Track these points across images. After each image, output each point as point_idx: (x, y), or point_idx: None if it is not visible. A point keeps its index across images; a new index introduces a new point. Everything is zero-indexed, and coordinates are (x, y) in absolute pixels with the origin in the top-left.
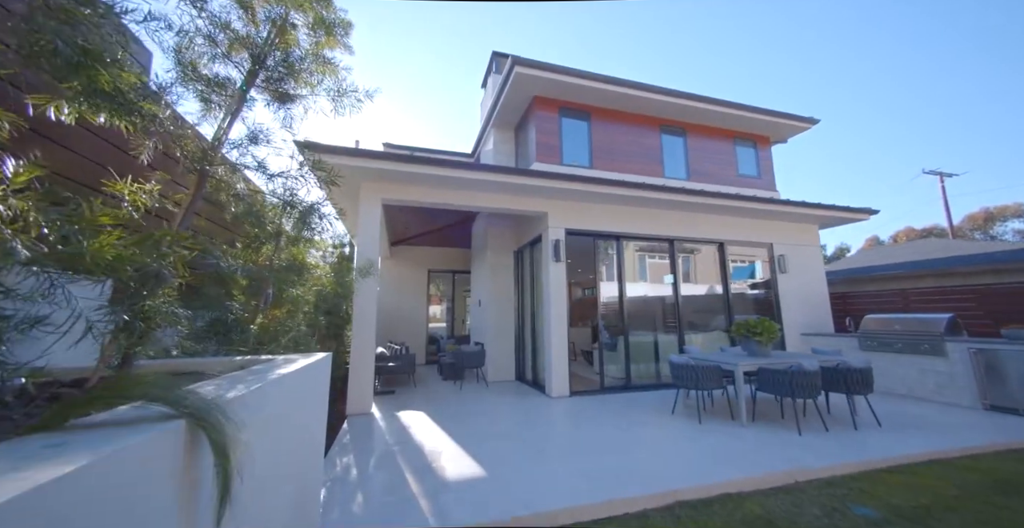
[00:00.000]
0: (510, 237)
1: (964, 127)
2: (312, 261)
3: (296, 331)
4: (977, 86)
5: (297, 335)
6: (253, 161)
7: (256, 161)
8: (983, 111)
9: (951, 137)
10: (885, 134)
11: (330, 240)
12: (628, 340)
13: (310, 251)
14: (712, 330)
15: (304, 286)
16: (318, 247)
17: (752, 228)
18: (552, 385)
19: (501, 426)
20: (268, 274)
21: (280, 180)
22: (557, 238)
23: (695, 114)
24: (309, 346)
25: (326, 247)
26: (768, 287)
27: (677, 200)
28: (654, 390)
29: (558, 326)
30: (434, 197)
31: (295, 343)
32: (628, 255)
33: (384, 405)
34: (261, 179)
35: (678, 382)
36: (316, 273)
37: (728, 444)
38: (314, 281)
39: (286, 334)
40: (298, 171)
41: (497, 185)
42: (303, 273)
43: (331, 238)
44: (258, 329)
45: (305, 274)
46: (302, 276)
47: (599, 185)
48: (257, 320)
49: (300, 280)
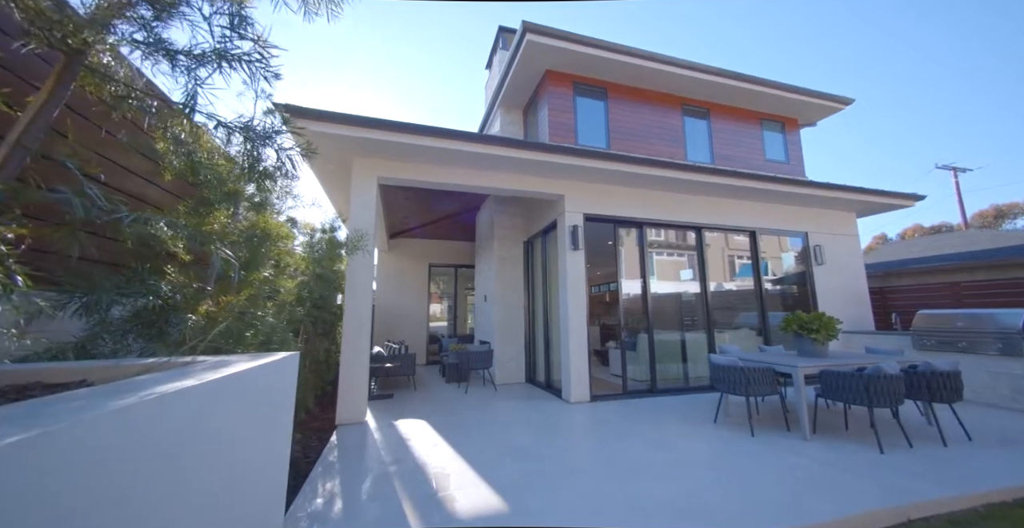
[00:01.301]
0: (519, 226)
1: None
2: (290, 243)
3: (263, 324)
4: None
5: (270, 331)
6: (163, 52)
7: (169, 50)
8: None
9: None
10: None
11: (319, 225)
12: (653, 339)
13: (293, 243)
14: (738, 328)
15: (278, 268)
16: (301, 229)
17: (786, 215)
18: (571, 389)
19: (518, 439)
20: (214, 242)
21: (239, 136)
22: (575, 224)
23: (720, 92)
24: (288, 346)
25: (312, 230)
26: (802, 280)
27: (707, 181)
28: (682, 394)
29: (577, 323)
30: (437, 176)
31: (267, 341)
32: (629, 249)
33: (380, 412)
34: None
35: (720, 386)
36: (288, 246)
37: (798, 465)
38: (293, 262)
39: (253, 328)
40: (266, 124)
41: (509, 161)
42: (266, 243)
43: (322, 224)
44: (204, 320)
45: (270, 246)
46: (265, 248)
47: (622, 163)
48: (202, 308)
49: (265, 253)
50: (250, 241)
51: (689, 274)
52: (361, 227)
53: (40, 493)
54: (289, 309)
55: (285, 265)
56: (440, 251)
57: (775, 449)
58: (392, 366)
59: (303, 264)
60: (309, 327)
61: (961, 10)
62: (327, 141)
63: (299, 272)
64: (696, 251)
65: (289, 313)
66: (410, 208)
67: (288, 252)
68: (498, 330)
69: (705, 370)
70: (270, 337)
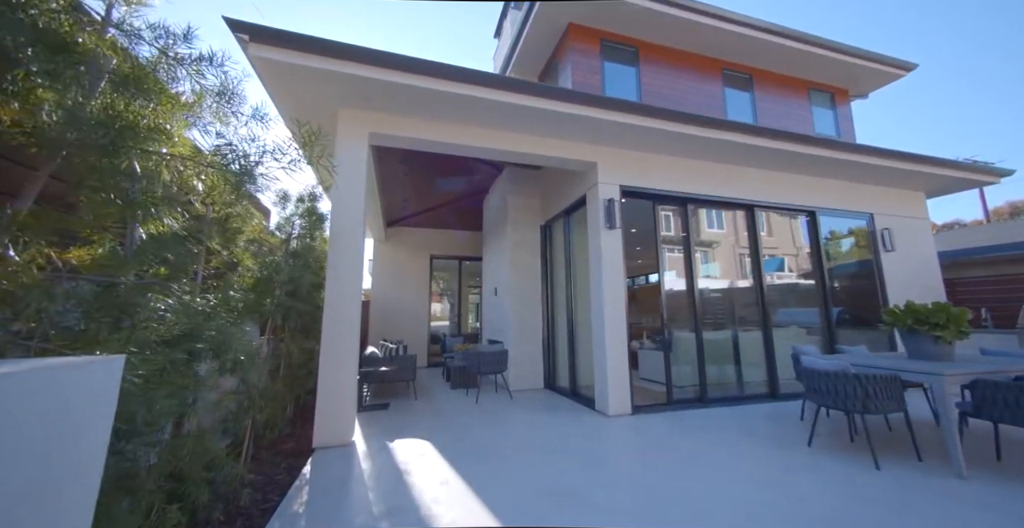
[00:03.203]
0: (536, 208)
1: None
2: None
3: (180, 308)
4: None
5: (200, 320)
6: None
7: None
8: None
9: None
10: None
11: (296, 194)
12: (702, 339)
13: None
14: (786, 326)
15: (226, 236)
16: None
17: (848, 193)
18: (608, 399)
19: (559, 472)
20: None
21: None
22: (610, 197)
23: (765, 54)
24: (235, 344)
25: (281, 195)
26: (867, 270)
27: (768, 147)
28: (735, 404)
29: (615, 318)
30: (444, 134)
31: (191, 335)
32: (671, 231)
33: (373, 427)
34: None
35: (818, 398)
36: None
37: (981, 523)
38: (250, 230)
39: (133, 311)
40: None
41: (535, 117)
42: (129, 148)
43: (298, 193)
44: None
45: (155, 139)
46: (129, 152)
47: (670, 121)
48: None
49: (127, 162)
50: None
51: (700, 271)
52: (348, 211)
53: None
54: (246, 295)
55: (235, 231)
56: (443, 241)
57: (925, 493)
58: (388, 370)
59: (276, 242)
60: (279, 321)
61: (960, 9)
62: (302, 84)
63: (267, 250)
64: (748, 233)
65: (250, 301)
66: (410, 188)
67: (242, 215)
68: (512, 327)
69: (759, 375)
70: (196, 331)
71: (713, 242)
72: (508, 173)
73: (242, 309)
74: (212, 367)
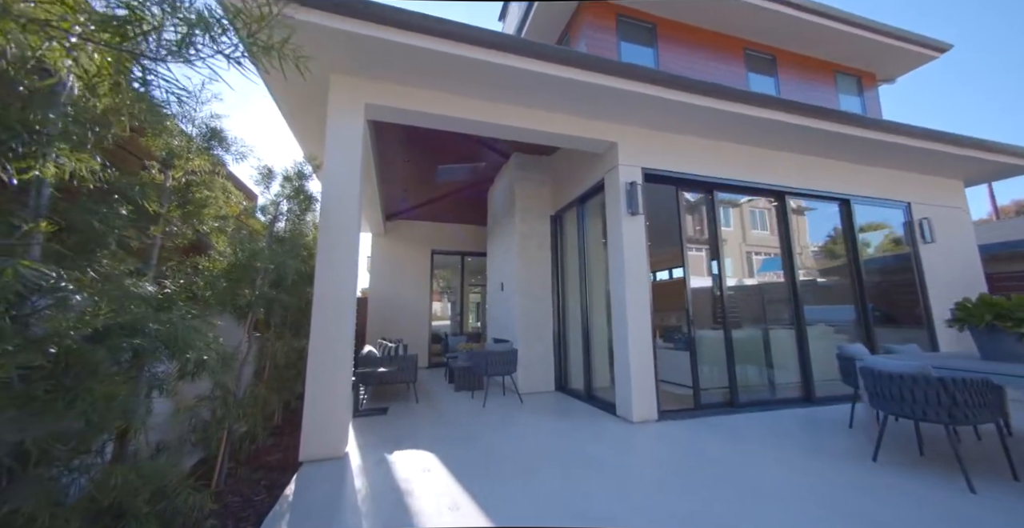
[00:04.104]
0: (546, 197)
1: None
2: None
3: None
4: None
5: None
6: None
7: None
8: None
9: None
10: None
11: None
12: (731, 338)
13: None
14: (812, 325)
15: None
16: None
17: (883, 180)
18: (632, 404)
19: (590, 495)
20: None
21: None
22: (632, 180)
23: (790, 32)
24: (200, 340)
25: (264, 172)
26: (904, 263)
27: (803, 125)
28: (768, 409)
29: (638, 315)
30: (451, 107)
31: (133, 329)
32: (695, 218)
33: (369, 436)
34: None
35: (884, 404)
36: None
37: None
38: (216, 201)
39: None
40: None
41: (551, 87)
42: None
43: (284, 170)
44: None
45: None
46: None
47: (698, 94)
48: None
49: None
50: None
51: (710, 268)
52: (341, 192)
53: None
54: (215, 282)
55: (199, 204)
56: (444, 236)
57: None
58: (387, 371)
59: (259, 227)
60: (262, 316)
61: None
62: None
63: (248, 234)
64: (779, 223)
65: (220, 289)
66: (410, 177)
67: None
68: (520, 325)
69: (791, 377)
70: (137, 323)
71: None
72: (516, 160)
73: (210, 299)
74: (173, 369)
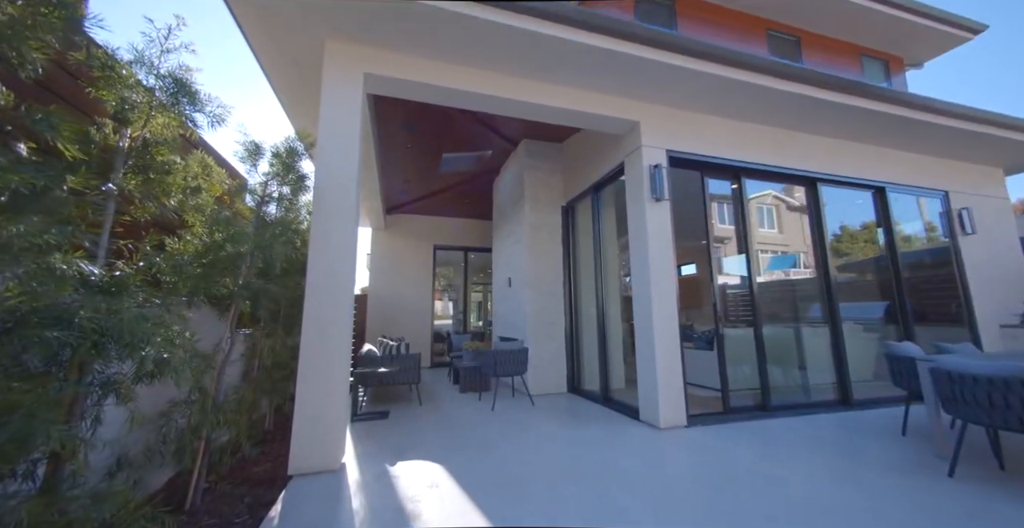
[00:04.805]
0: (557, 186)
1: None
2: None
3: None
4: None
5: None
6: None
7: None
8: None
9: None
10: None
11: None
12: (762, 336)
13: None
14: (822, 323)
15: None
16: None
17: (919, 167)
18: (659, 409)
19: (628, 513)
20: None
21: None
22: (656, 163)
23: (815, 12)
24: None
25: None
26: (942, 256)
27: (845, 103)
28: (802, 413)
29: (664, 313)
30: (459, 80)
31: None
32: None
33: (369, 443)
34: None
35: (963, 411)
36: None
37: None
38: (185, 169)
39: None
40: None
41: (577, 56)
42: None
43: (274, 146)
44: None
45: None
46: None
47: (740, 69)
48: None
49: None
50: None
51: (721, 266)
52: (337, 171)
53: None
54: (183, 266)
55: (161, 170)
56: (447, 230)
57: None
58: (388, 371)
59: (245, 210)
60: (247, 309)
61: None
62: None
63: (231, 215)
64: (811, 212)
65: (191, 275)
66: (412, 166)
67: None
68: (531, 322)
69: (824, 378)
70: (65, 314)
71: (725, 238)
72: (526, 146)
73: (179, 286)
74: (128, 369)
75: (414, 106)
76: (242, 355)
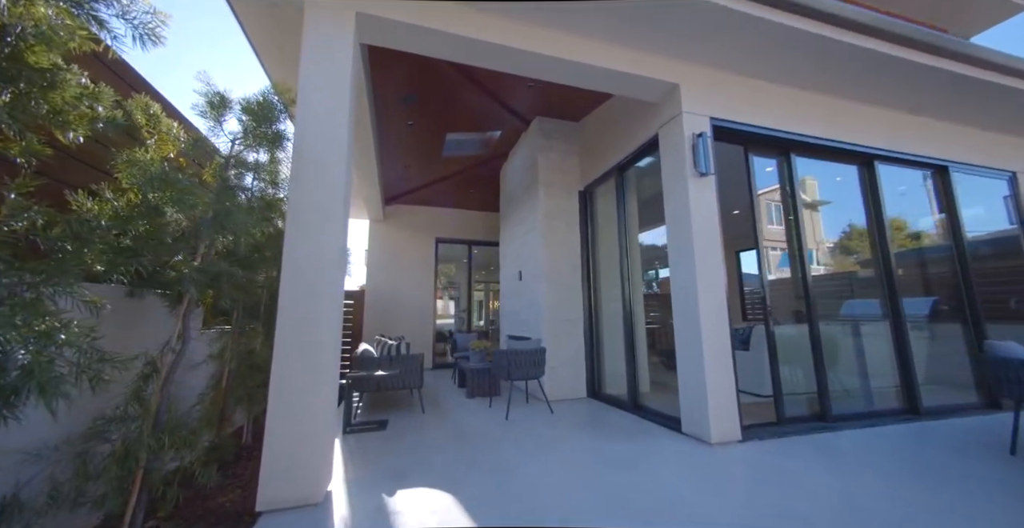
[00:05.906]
0: (573, 169)
1: None
2: None
3: None
4: None
5: None
6: None
7: None
8: None
9: None
10: None
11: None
12: (818, 335)
13: None
14: (876, 320)
15: None
16: None
17: (985, 145)
18: (710, 421)
19: None
20: None
21: None
22: (700, 131)
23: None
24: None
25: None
26: (1012, 246)
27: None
28: (866, 424)
29: (712, 309)
30: (470, 27)
31: None
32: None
33: (362, 463)
34: None
35: None
36: None
37: None
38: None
39: None
40: None
41: None
42: None
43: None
44: None
45: None
46: None
47: (803, 16)
48: None
49: None
50: None
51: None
52: (323, 109)
53: None
54: (95, 228)
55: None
56: (451, 222)
57: None
58: (387, 374)
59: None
60: (208, 298)
61: None
62: None
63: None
64: (866, 194)
65: (117, 250)
66: (413, 148)
67: None
68: (547, 319)
69: (890, 381)
70: None
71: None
72: (538, 124)
73: (86, 259)
74: None
75: (415, 72)
76: (210, 356)
